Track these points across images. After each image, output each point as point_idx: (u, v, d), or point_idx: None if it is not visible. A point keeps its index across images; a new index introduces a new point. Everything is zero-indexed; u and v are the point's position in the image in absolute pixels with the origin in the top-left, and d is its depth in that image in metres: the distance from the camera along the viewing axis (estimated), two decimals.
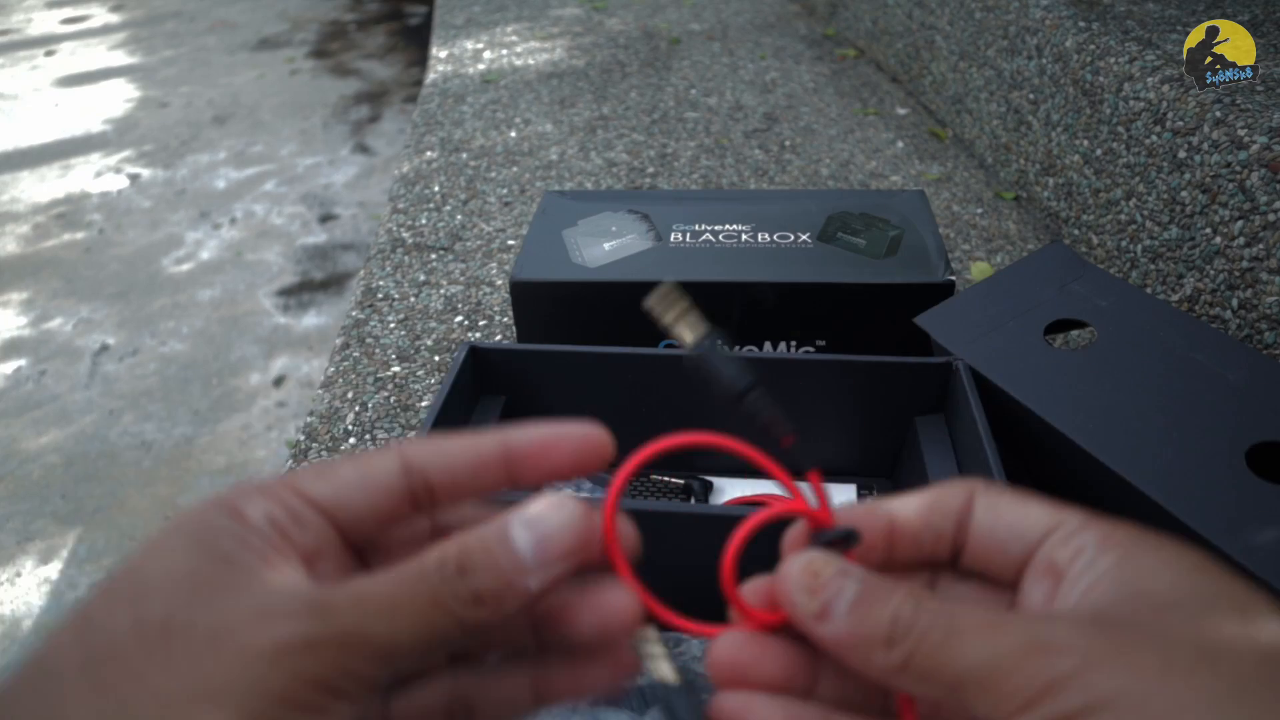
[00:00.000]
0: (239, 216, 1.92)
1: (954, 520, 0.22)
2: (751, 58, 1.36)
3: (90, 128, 2.35)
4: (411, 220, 0.95)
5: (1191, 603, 0.19)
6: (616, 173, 1.03)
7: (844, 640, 0.20)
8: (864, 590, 0.20)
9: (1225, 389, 0.45)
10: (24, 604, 1.10)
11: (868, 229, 0.64)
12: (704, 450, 0.22)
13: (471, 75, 1.35)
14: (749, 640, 0.22)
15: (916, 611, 0.19)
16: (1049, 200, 0.88)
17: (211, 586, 0.19)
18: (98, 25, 3.14)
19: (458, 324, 0.78)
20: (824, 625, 0.20)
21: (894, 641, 0.19)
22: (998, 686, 0.18)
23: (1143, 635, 0.18)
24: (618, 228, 0.66)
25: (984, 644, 0.18)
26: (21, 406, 1.42)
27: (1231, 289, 0.63)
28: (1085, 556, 0.20)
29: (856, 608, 0.20)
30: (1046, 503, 0.22)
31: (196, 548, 0.19)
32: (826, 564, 0.21)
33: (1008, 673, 0.18)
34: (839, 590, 0.20)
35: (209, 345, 1.55)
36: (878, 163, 1.04)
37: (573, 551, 0.20)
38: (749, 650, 0.22)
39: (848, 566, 0.21)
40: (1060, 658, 0.18)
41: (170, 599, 0.18)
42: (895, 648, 0.19)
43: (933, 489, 0.23)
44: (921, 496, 0.23)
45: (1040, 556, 0.21)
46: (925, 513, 0.23)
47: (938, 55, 1.12)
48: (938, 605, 0.20)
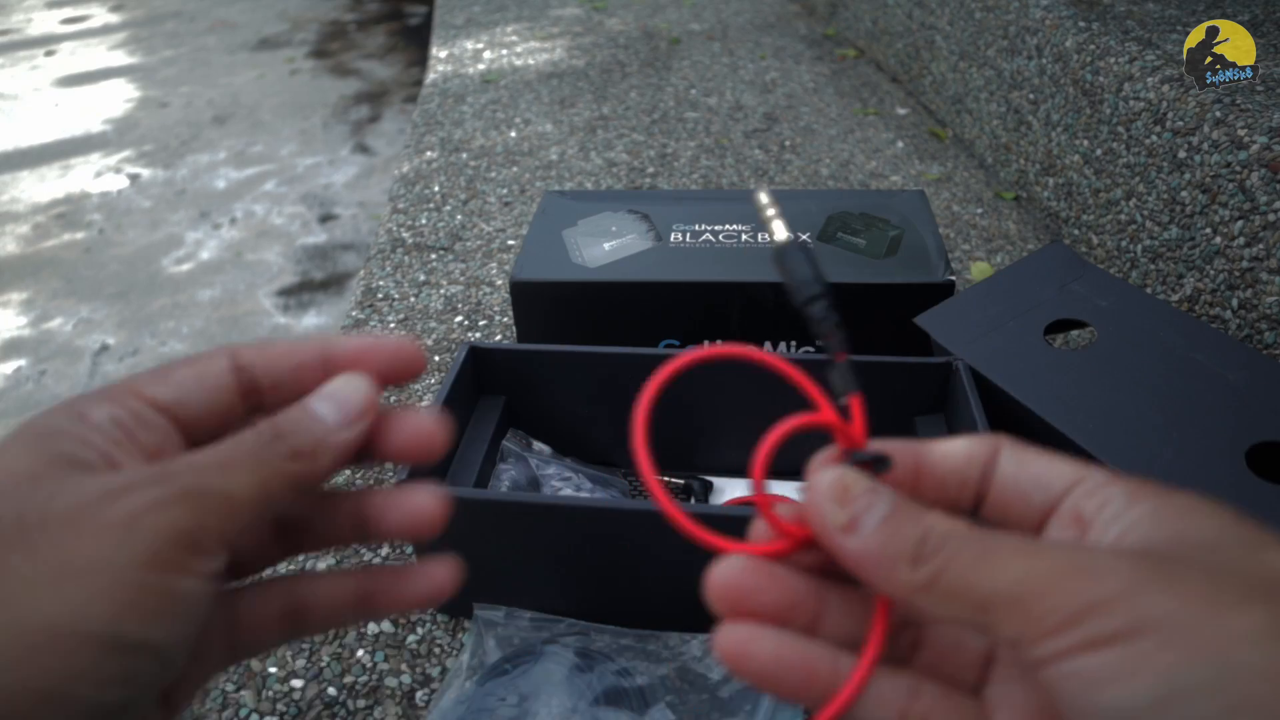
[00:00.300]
0: (239, 216, 1.92)
1: (980, 468, 0.22)
2: (751, 58, 1.36)
3: (90, 128, 2.35)
4: (411, 220, 0.95)
5: (1235, 544, 0.18)
6: (616, 173, 1.03)
7: (869, 554, 0.20)
8: (895, 507, 0.20)
9: (1225, 389, 0.45)
10: None
11: (868, 229, 0.64)
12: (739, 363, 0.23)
13: (471, 75, 1.35)
14: (754, 565, 0.22)
15: (949, 531, 0.19)
16: (1049, 200, 0.88)
17: (57, 481, 0.20)
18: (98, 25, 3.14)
19: (458, 324, 0.78)
20: (850, 538, 0.20)
21: (921, 559, 0.19)
22: (1031, 607, 0.18)
23: (1190, 567, 0.17)
24: (618, 228, 0.66)
25: (1020, 564, 0.18)
26: (22, 406, 1.42)
27: (1231, 289, 0.63)
28: (1113, 507, 0.20)
29: (886, 523, 0.20)
30: (1071, 458, 0.22)
31: (38, 450, 0.20)
32: (858, 480, 0.20)
33: (1043, 593, 0.17)
34: (869, 505, 0.20)
35: (209, 345, 1.54)
36: (878, 163, 1.03)
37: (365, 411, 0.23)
38: (754, 575, 0.22)
39: (880, 486, 0.20)
40: (1103, 580, 0.17)
41: (20, 495, 0.20)
42: (922, 565, 0.19)
43: (961, 437, 0.23)
44: (951, 442, 0.23)
45: (1065, 507, 0.21)
46: (954, 457, 0.22)
47: (938, 55, 1.12)
48: (970, 529, 0.19)
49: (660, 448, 0.23)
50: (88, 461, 0.21)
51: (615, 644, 0.47)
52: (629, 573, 0.46)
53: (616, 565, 0.46)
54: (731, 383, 0.53)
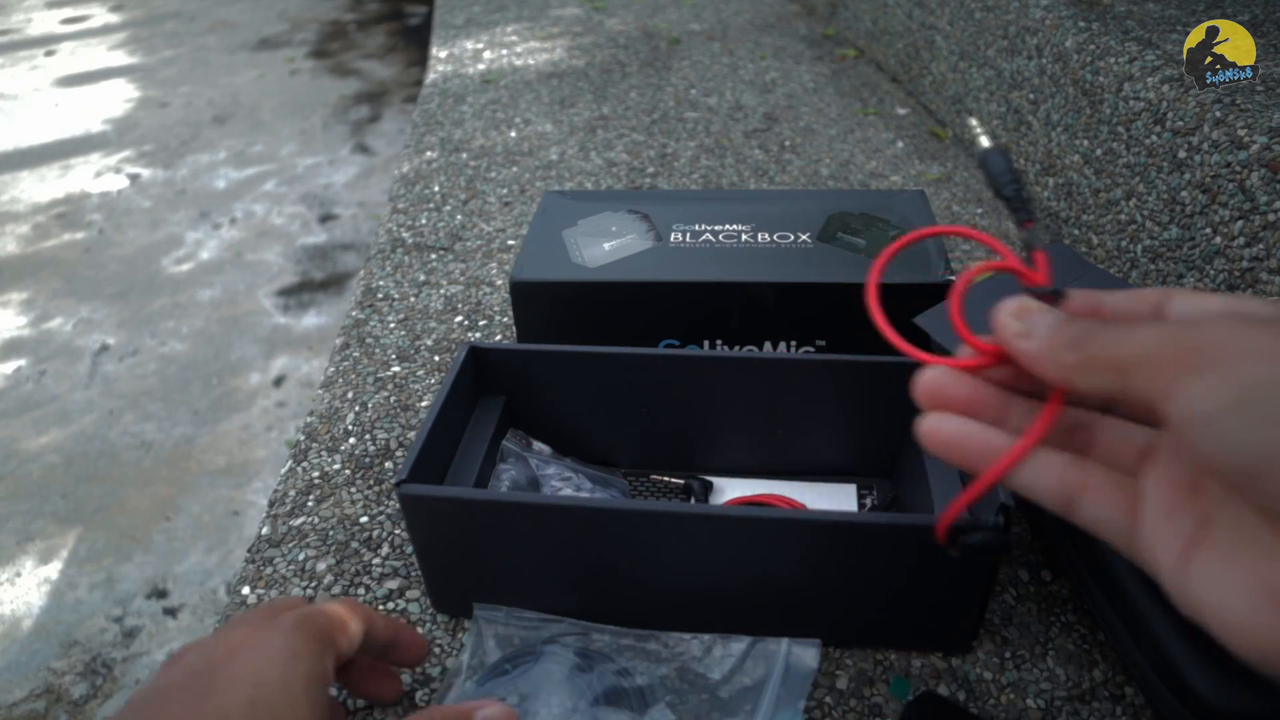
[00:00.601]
0: (239, 216, 1.92)
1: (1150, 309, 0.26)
2: (751, 58, 1.36)
3: (90, 128, 2.35)
4: (411, 220, 0.95)
5: None
6: (616, 173, 1.03)
7: (1039, 351, 0.25)
8: (1061, 320, 0.25)
9: None
10: (24, 604, 1.10)
11: (868, 229, 0.64)
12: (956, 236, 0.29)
13: (471, 75, 1.35)
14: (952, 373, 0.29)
15: (1101, 327, 0.24)
16: (1049, 200, 0.88)
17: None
18: (98, 25, 3.14)
19: (458, 324, 0.78)
20: (1025, 341, 0.25)
21: (1078, 345, 0.24)
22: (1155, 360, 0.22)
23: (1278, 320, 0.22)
24: (618, 228, 0.65)
25: (1147, 333, 0.22)
26: (21, 406, 1.42)
27: (1231, 289, 0.63)
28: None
29: (1053, 331, 0.25)
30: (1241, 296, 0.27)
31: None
32: (1036, 304, 0.26)
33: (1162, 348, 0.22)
34: (1041, 319, 0.26)
35: (209, 345, 1.55)
36: (878, 163, 1.04)
37: None
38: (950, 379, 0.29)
39: (1055, 310, 0.26)
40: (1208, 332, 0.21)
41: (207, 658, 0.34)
42: (1078, 350, 0.24)
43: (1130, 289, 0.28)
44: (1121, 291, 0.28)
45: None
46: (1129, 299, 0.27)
47: (938, 55, 1.12)
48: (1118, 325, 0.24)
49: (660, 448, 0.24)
50: None
51: (615, 644, 0.47)
52: (629, 573, 0.46)
53: (616, 565, 0.46)
54: (731, 383, 0.53)
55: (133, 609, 1.09)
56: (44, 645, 1.04)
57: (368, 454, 0.63)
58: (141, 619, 1.08)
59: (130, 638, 1.06)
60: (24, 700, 0.98)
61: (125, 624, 1.07)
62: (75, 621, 1.07)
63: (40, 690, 0.99)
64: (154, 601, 1.10)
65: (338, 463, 0.63)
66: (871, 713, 0.45)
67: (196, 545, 1.17)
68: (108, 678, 1.01)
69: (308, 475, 0.62)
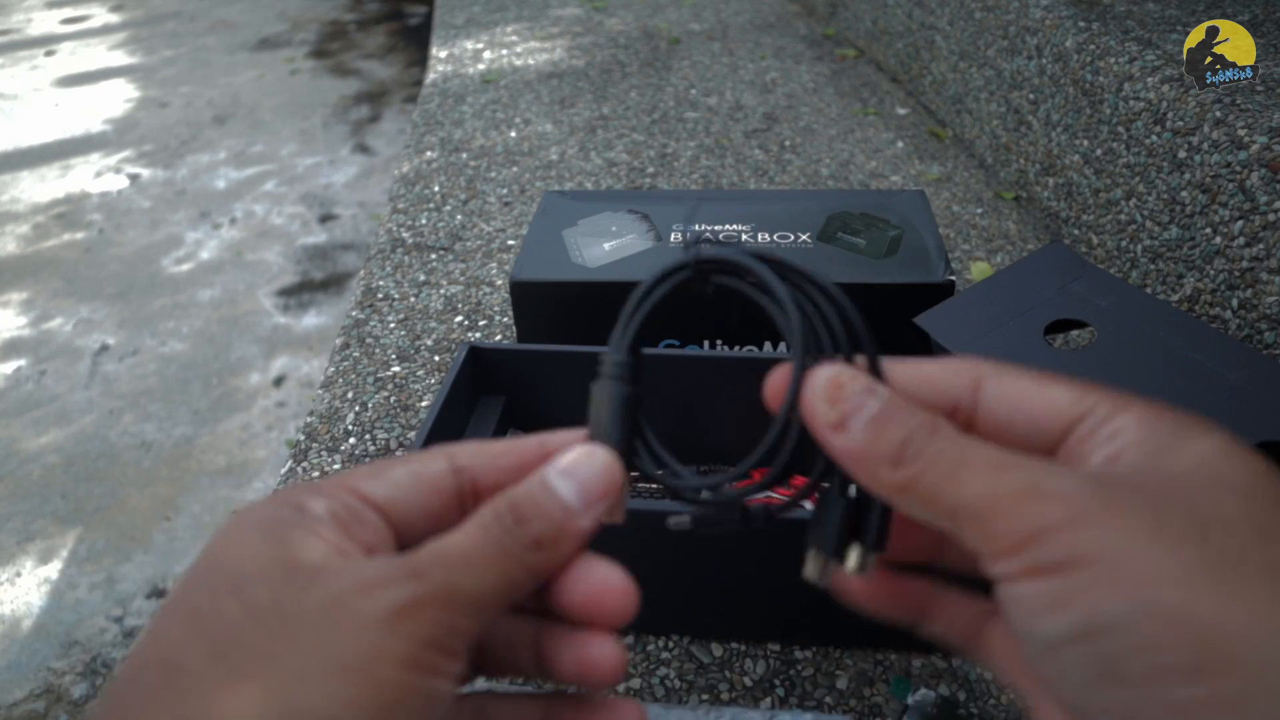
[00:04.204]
0: (239, 216, 1.92)
1: (950, 402, 0.22)
2: (751, 58, 1.36)
3: (90, 128, 2.35)
4: (411, 220, 0.95)
5: (1204, 476, 0.18)
6: (616, 173, 1.03)
7: (854, 453, 0.20)
8: (884, 408, 0.20)
9: (1225, 389, 0.45)
10: (24, 604, 1.10)
11: (868, 229, 0.64)
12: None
13: (471, 75, 1.35)
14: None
15: (930, 438, 0.20)
16: (1049, 200, 0.88)
17: (306, 568, 0.19)
18: (98, 25, 3.14)
19: (458, 324, 0.78)
20: (839, 436, 0.21)
21: (901, 462, 0.20)
22: (989, 524, 0.18)
23: (1142, 499, 0.18)
24: (618, 228, 0.66)
25: (985, 481, 0.19)
26: (21, 406, 1.42)
27: (1231, 289, 0.63)
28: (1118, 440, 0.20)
29: (873, 424, 0.20)
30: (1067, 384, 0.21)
31: (274, 537, 0.20)
32: (853, 379, 0.21)
33: (1000, 513, 0.18)
34: (859, 406, 0.20)
35: (209, 345, 1.55)
36: (878, 163, 1.03)
37: (610, 491, 0.22)
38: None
39: (875, 385, 0.21)
40: (1052, 506, 0.18)
41: (273, 584, 0.19)
42: (901, 468, 0.20)
43: (936, 363, 0.22)
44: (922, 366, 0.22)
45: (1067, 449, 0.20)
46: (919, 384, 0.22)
47: (938, 55, 1.12)
48: (953, 436, 0.20)
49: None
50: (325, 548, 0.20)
51: None
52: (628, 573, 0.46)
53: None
54: (731, 383, 0.53)
55: (133, 609, 1.09)
56: (44, 645, 1.04)
57: (368, 454, 0.63)
58: (141, 619, 1.08)
59: (130, 638, 1.06)
60: (24, 700, 0.98)
61: (125, 624, 1.07)
62: (75, 621, 1.07)
63: (40, 690, 0.99)
64: (154, 601, 1.10)
65: (338, 463, 0.63)
66: (871, 713, 0.45)
67: (196, 545, 1.17)
68: (108, 678, 1.01)
69: (308, 475, 0.62)
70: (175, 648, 0.19)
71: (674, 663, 0.48)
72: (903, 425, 0.20)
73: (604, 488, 0.22)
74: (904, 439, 0.20)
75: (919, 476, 0.19)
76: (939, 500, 0.19)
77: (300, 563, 0.19)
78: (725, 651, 0.48)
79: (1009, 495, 0.18)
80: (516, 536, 0.21)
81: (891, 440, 0.20)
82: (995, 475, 0.19)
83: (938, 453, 0.19)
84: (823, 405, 0.21)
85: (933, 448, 0.20)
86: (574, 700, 0.24)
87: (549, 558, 0.21)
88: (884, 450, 0.20)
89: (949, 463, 0.19)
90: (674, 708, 0.44)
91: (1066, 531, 0.17)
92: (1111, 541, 0.17)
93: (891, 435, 0.20)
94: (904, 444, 0.20)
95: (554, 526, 0.21)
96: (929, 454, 0.19)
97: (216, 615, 0.19)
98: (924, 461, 0.19)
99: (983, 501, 0.18)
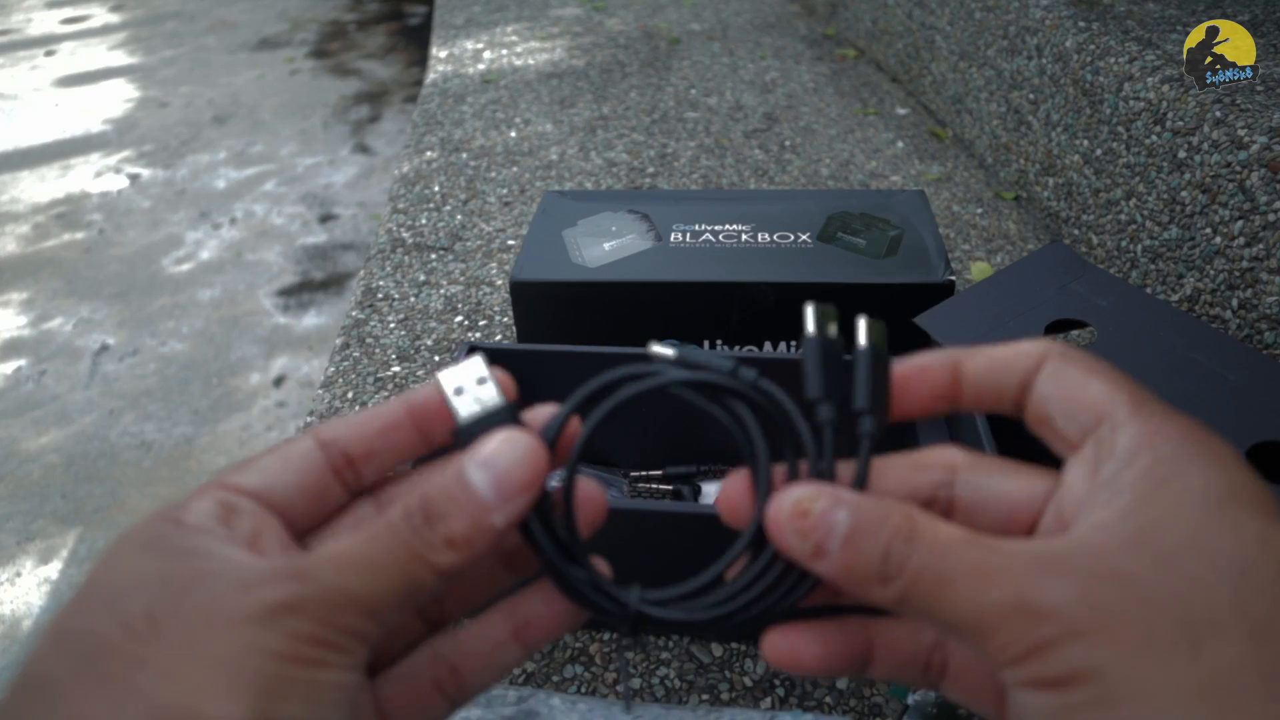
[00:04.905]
0: (239, 216, 1.92)
1: (1018, 381, 0.22)
2: (751, 58, 1.36)
3: (90, 128, 2.35)
4: (411, 220, 0.95)
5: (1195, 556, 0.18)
6: (616, 173, 1.03)
7: (841, 576, 0.20)
8: (854, 524, 0.20)
9: (1225, 389, 0.45)
10: (24, 604, 1.10)
11: (868, 229, 0.64)
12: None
13: (471, 75, 1.35)
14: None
15: (908, 550, 0.19)
16: (1049, 200, 0.88)
17: (183, 576, 0.19)
18: (98, 25, 3.14)
19: (458, 324, 0.78)
20: (821, 563, 0.20)
21: (887, 579, 0.19)
22: (988, 641, 0.18)
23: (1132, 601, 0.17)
24: (618, 228, 0.66)
25: (973, 596, 0.18)
26: (21, 406, 1.42)
27: (1231, 289, 0.63)
28: (1116, 463, 0.19)
29: (848, 544, 0.20)
30: (1109, 380, 0.21)
31: (153, 551, 0.20)
32: (814, 499, 0.20)
33: (995, 631, 0.18)
34: (830, 528, 0.20)
35: (209, 345, 1.55)
36: (878, 163, 1.03)
37: (532, 483, 0.21)
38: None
39: (837, 497, 0.20)
40: (1044, 624, 0.18)
41: (147, 594, 0.19)
42: (890, 585, 0.19)
43: (1011, 345, 0.22)
44: (995, 350, 0.22)
45: (1089, 447, 0.20)
46: (990, 368, 0.22)
47: (938, 55, 1.12)
48: (929, 543, 0.19)
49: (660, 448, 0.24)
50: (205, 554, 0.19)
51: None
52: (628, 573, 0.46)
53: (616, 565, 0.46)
54: None
55: None
56: None
57: None
58: None
59: None
60: None
61: None
62: None
63: None
64: None
65: None
66: (871, 713, 0.45)
67: None
68: None
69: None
70: (45, 665, 0.18)
71: (674, 663, 0.48)
72: (877, 538, 0.19)
73: (525, 478, 0.21)
74: (883, 553, 0.19)
75: (909, 593, 0.19)
76: (936, 615, 0.19)
77: (177, 572, 0.19)
78: (725, 651, 0.48)
79: (998, 612, 0.18)
80: (426, 538, 0.20)
81: (871, 556, 0.19)
82: (981, 589, 0.18)
83: (919, 567, 0.19)
84: (795, 540, 0.20)
85: (914, 561, 0.19)
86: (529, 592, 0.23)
87: (461, 557, 0.20)
88: (868, 569, 0.19)
89: (932, 579, 0.19)
90: (674, 708, 0.44)
91: (1061, 647, 0.17)
92: (1104, 657, 0.17)
93: (870, 551, 0.19)
94: (885, 559, 0.19)
95: (468, 524, 0.20)
96: (911, 569, 0.19)
97: (87, 632, 0.18)
98: (908, 577, 0.19)
99: (976, 619, 0.18)
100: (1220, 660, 0.17)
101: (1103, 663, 0.17)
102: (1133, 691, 0.17)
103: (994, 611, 0.18)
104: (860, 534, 0.20)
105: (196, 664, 0.18)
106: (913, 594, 0.19)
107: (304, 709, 0.18)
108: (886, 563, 0.19)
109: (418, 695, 0.23)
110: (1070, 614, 0.17)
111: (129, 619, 0.18)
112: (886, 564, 0.19)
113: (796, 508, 0.20)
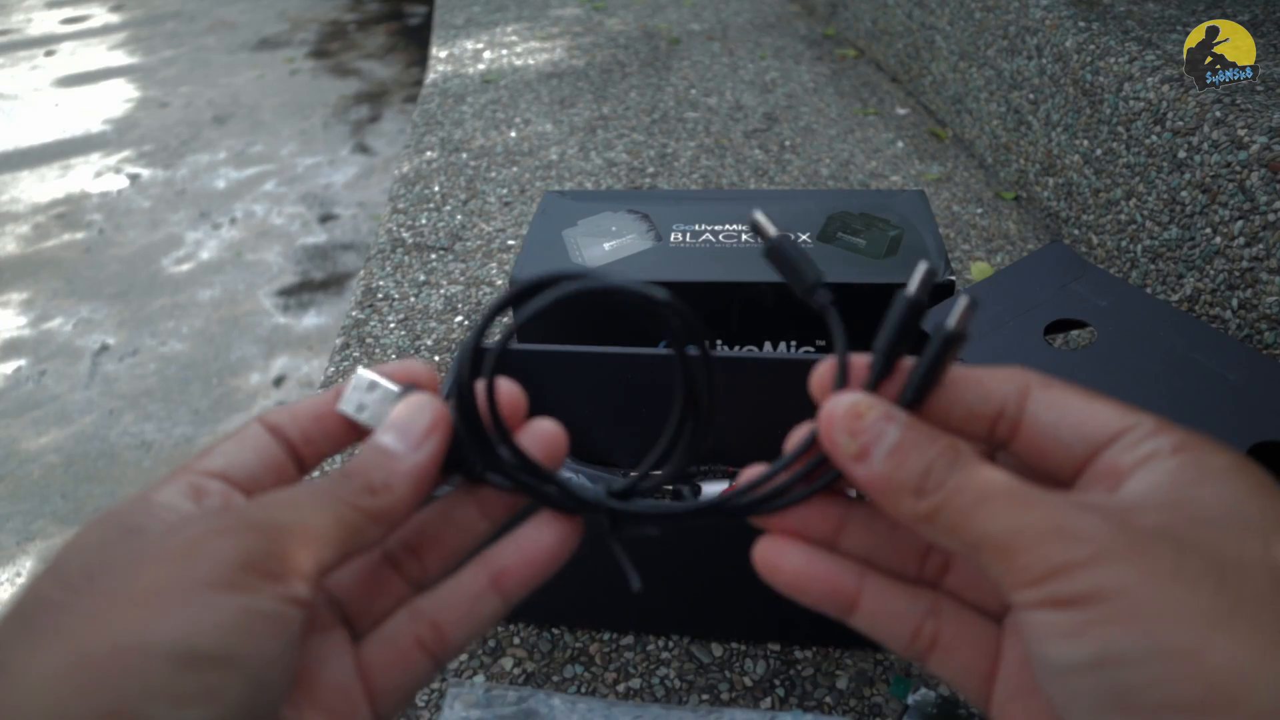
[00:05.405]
0: (239, 216, 1.92)
1: (996, 407, 0.22)
2: (751, 58, 1.36)
3: (90, 128, 2.35)
4: (411, 220, 0.95)
5: (1229, 518, 0.18)
6: (616, 173, 1.03)
7: (877, 484, 0.21)
8: (904, 437, 0.21)
9: (1225, 389, 0.45)
10: None
11: (868, 229, 0.64)
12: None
13: (471, 75, 1.35)
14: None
15: (950, 468, 0.20)
16: (1049, 200, 0.88)
17: (126, 536, 0.20)
18: (98, 25, 3.14)
19: (458, 324, 0.78)
20: (861, 467, 0.21)
21: (924, 492, 0.20)
22: (1012, 559, 0.19)
23: (1164, 539, 0.18)
24: (618, 228, 0.66)
25: (1008, 516, 0.19)
26: (21, 406, 1.42)
27: (1231, 289, 0.63)
28: (1155, 462, 0.19)
29: (894, 454, 0.20)
30: (1113, 402, 0.21)
31: (108, 524, 0.21)
32: (871, 406, 0.21)
33: (1024, 549, 0.18)
34: (880, 435, 0.21)
35: (209, 345, 1.55)
36: (878, 163, 1.03)
37: (436, 425, 0.23)
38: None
39: (892, 410, 0.21)
40: (1076, 545, 0.18)
41: (89, 554, 0.20)
42: (924, 498, 0.20)
43: (986, 369, 0.22)
44: (972, 371, 0.22)
45: (1104, 460, 0.20)
46: (968, 388, 0.22)
47: (938, 55, 1.12)
48: (974, 467, 0.20)
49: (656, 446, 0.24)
50: (156, 522, 0.21)
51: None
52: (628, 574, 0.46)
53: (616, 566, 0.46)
54: (731, 383, 0.53)
55: None
56: None
57: None
58: None
59: None
60: None
61: None
62: None
63: None
64: None
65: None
66: (871, 713, 0.45)
67: None
68: None
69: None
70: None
71: (674, 663, 0.48)
72: (923, 454, 0.20)
73: (427, 424, 0.23)
74: (925, 469, 0.20)
75: (941, 508, 0.20)
76: (962, 532, 0.19)
77: (122, 535, 0.20)
78: (725, 651, 0.48)
79: (1033, 533, 0.18)
80: (348, 486, 0.22)
81: (913, 470, 0.20)
82: (1019, 511, 0.19)
83: (959, 485, 0.20)
84: (843, 437, 0.21)
85: (954, 479, 0.20)
86: (502, 542, 0.25)
87: (386, 500, 0.22)
88: (906, 480, 0.20)
89: (971, 495, 0.19)
90: (674, 708, 0.44)
91: (1088, 568, 0.18)
92: (1131, 579, 0.17)
93: (912, 465, 0.20)
94: (925, 474, 0.20)
95: (383, 471, 0.22)
96: (950, 485, 0.20)
97: (32, 596, 0.19)
98: (946, 493, 0.20)
99: (1006, 537, 0.19)
100: (1244, 590, 0.17)
101: (1128, 584, 0.17)
102: (1156, 611, 0.17)
103: (1027, 532, 0.19)
104: (908, 447, 0.20)
105: (122, 604, 0.18)
106: (945, 508, 0.20)
107: (229, 636, 0.18)
108: (926, 477, 0.20)
109: (400, 654, 0.23)
110: (1103, 540, 0.18)
111: (68, 577, 0.19)
112: (926, 479, 0.20)
113: (854, 409, 0.21)
